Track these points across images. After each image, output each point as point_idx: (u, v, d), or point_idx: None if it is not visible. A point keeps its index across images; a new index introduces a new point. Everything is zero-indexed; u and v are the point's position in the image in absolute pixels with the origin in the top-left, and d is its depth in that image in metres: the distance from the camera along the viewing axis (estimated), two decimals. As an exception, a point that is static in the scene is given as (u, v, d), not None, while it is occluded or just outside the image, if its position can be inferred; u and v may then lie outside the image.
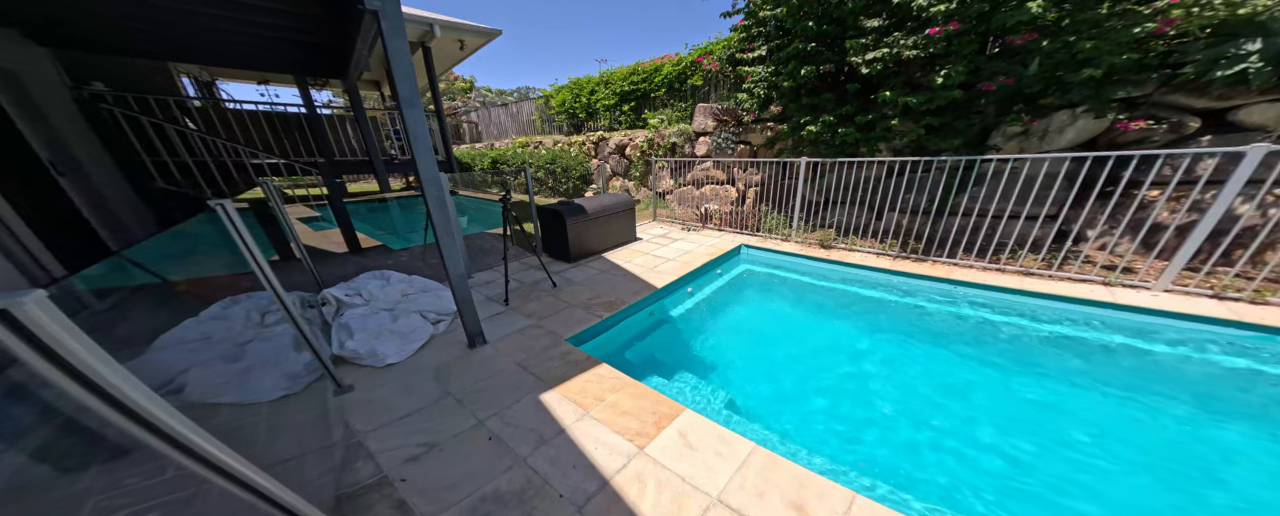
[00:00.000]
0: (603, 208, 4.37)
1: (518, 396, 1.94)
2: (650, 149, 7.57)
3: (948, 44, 3.10)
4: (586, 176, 9.25)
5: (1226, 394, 2.07)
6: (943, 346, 2.72)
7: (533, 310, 2.92)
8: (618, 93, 8.65)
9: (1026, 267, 3.21)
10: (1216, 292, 2.54)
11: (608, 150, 8.87)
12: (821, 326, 3.25)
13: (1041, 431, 1.96)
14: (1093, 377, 2.26)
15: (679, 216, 6.59)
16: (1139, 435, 1.91)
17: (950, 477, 1.75)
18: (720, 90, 6.69)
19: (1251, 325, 2.29)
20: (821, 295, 3.74)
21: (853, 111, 3.98)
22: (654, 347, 2.76)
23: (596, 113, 9.46)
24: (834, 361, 2.68)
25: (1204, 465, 1.73)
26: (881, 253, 4.04)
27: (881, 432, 2.03)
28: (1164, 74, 2.75)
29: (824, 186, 4.81)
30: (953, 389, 2.32)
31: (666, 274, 3.61)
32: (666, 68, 7.52)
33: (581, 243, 4.14)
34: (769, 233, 5.22)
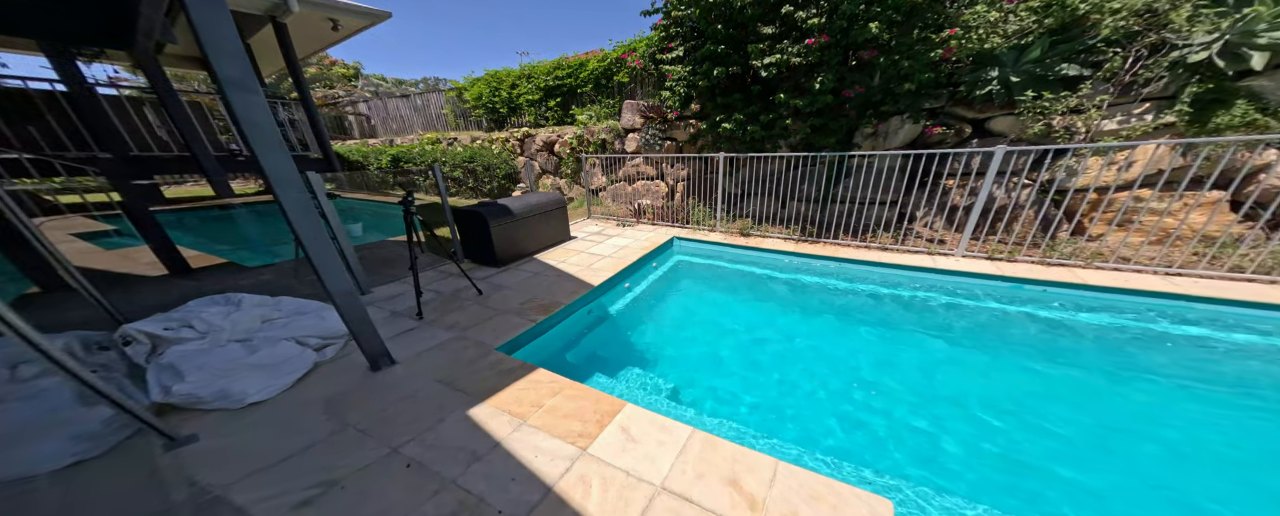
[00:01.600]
0: (531, 207, 4.13)
1: (442, 415, 1.74)
2: (581, 146, 7.46)
3: (821, 54, 3.77)
4: (513, 175, 8.68)
5: (996, 330, 2.78)
6: (832, 315, 3.17)
7: (455, 321, 2.61)
8: (542, 87, 8.34)
9: (883, 244, 4.04)
10: (989, 255, 3.57)
11: (535, 147, 8.47)
12: (747, 308, 3.45)
13: (912, 379, 2.32)
14: (924, 326, 2.86)
15: (614, 212, 6.62)
16: (955, 367, 2.44)
17: (843, 428, 1.99)
18: (646, 87, 6.95)
19: (1009, 277, 3.12)
20: (745, 279, 4.05)
21: (757, 111, 4.56)
22: (595, 345, 2.68)
23: (519, 108, 8.96)
24: (759, 339, 2.85)
25: (982, 382, 2.34)
26: (788, 237, 4.66)
27: (795, 399, 2.19)
28: (951, 91, 3.77)
29: (740, 179, 5.35)
30: (845, 352, 2.64)
31: (603, 271, 3.56)
32: (592, 63, 7.53)
33: (509, 245, 3.85)
34: (697, 224, 5.58)
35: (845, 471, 1.62)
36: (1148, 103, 2.96)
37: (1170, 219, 2.89)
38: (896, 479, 1.58)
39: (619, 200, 6.99)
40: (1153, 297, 2.62)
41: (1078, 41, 3.11)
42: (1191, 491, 1.54)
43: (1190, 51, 2.71)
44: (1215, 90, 2.71)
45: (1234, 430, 1.82)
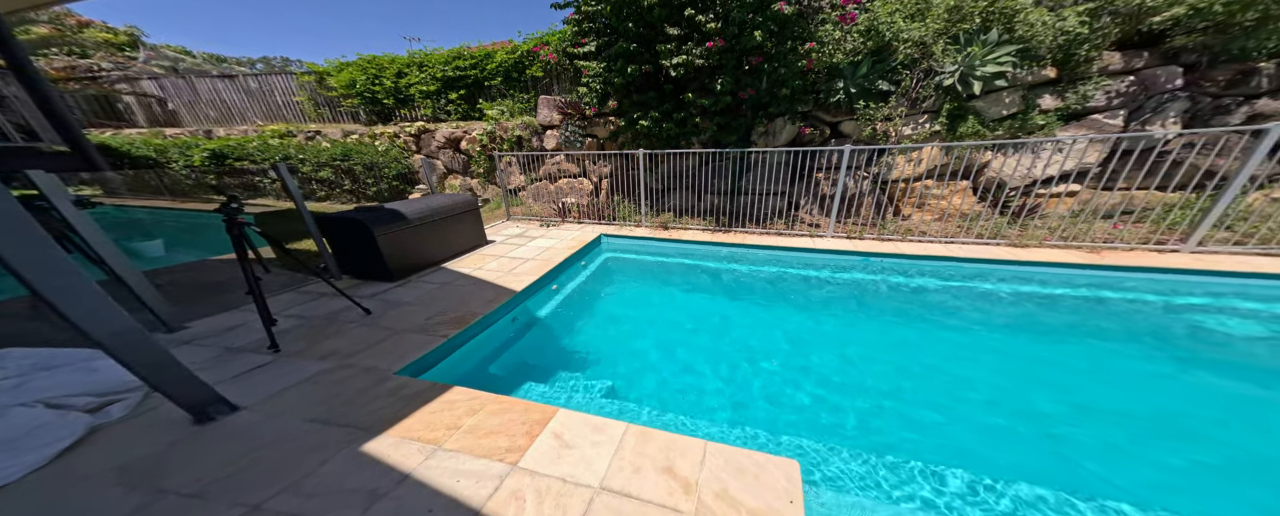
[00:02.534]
0: (434, 210, 3.71)
1: (323, 457, 1.52)
2: (493, 143, 6.89)
3: (720, 57, 4.24)
4: (407, 175, 7.53)
5: (861, 297, 3.39)
6: (746, 297, 3.55)
7: (334, 348, 2.24)
8: (439, 78, 7.41)
9: (778, 230, 4.84)
10: (848, 234, 4.62)
11: (435, 144, 7.51)
12: (673, 296, 3.64)
13: (806, 345, 2.62)
14: (809, 299, 3.42)
15: (536, 213, 6.34)
16: (836, 331, 2.87)
17: (761, 398, 2.13)
18: (562, 83, 6.80)
19: (861, 252, 3.88)
20: (670, 270, 4.37)
21: (670, 109, 4.92)
22: (524, 354, 2.58)
23: (411, 100, 7.80)
24: (684, 326, 3.01)
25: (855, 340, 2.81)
26: (705, 228, 5.19)
27: (722, 378, 2.31)
28: (815, 97, 4.75)
29: (661, 175, 5.71)
30: (758, 329, 2.86)
31: (527, 275, 3.42)
32: (500, 55, 7.02)
33: (405, 255, 3.41)
34: (624, 220, 5.76)
35: (762, 440, 1.76)
36: (926, 114, 4.24)
37: (944, 202, 4.22)
38: (801, 437, 1.76)
39: (542, 199, 6.72)
40: (942, 261, 3.67)
41: (886, 63, 4.25)
42: (974, 406, 2.05)
43: (944, 77, 3.99)
44: (958, 108, 4.06)
45: (1005, 359, 2.42)
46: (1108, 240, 3.37)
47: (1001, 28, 3.68)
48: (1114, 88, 3.52)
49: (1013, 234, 3.64)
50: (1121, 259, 3.04)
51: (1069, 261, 3.11)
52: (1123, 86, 3.51)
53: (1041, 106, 3.73)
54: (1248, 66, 3.19)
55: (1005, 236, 3.65)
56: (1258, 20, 3.02)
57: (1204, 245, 3.05)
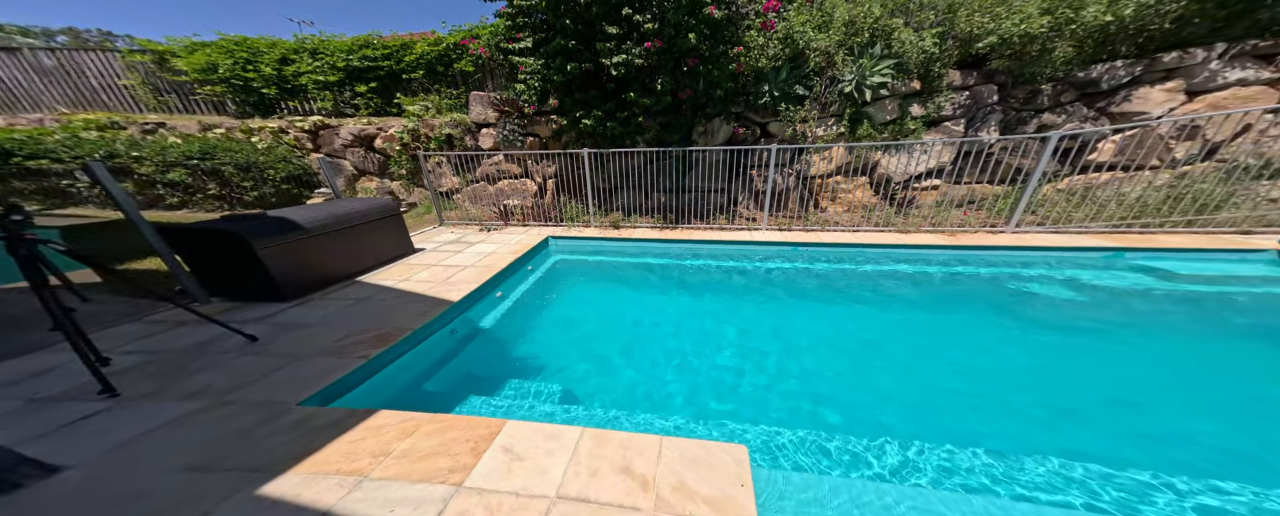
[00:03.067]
0: (339, 218, 3.29)
1: (202, 509, 1.30)
2: (416, 141, 6.20)
3: (659, 58, 4.39)
4: (305, 177, 6.42)
5: (792, 284, 3.79)
6: (696, 290, 3.72)
7: (206, 384, 1.94)
8: (341, 68, 6.39)
9: (721, 225, 5.25)
10: (781, 228, 5.21)
11: (340, 142, 6.51)
12: (626, 295, 3.72)
13: (747, 333, 2.80)
14: (748, 287, 3.69)
15: (475, 216, 5.92)
16: (771, 317, 3.09)
17: (714, 388, 2.21)
18: (497, 79, 6.35)
19: (790, 243, 4.35)
20: (622, 269, 4.39)
21: (613, 108, 4.95)
22: (468, 366, 2.48)
23: (302, 91, 6.60)
24: (638, 323, 3.07)
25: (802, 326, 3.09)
26: (654, 226, 5.38)
27: (676, 372, 2.37)
28: (745, 99, 5.19)
29: (608, 174, 5.73)
30: (709, 321, 2.99)
31: (465, 283, 3.24)
32: (421, 47, 6.28)
33: (303, 269, 3.02)
34: (572, 221, 5.69)
35: (714, 429, 1.84)
36: (833, 118, 4.93)
37: (850, 195, 4.98)
38: (748, 421, 1.87)
39: (481, 202, 6.28)
40: (852, 248, 4.33)
41: (801, 69, 4.82)
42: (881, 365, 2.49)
43: (845, 85, 4.67)
44: (856, 112, 4.79)
45: (913, 333, 2.80)
46: (960, 225, 4.34)
47: (883, 43, 4.42)
48: (957, 100, 4.49)
49: (899, 222, 4.47)
50: (970, 240, 3.95)
51: (937, 243, 3.94)
52: (962, 99, 4.49)
53: (912, 113, 4.59)
54: (1035, 87, 4.32)
55: (894, 224, 4.46)
56: (1039, 52, 4.11)
57: (1020, 226, 4.12)
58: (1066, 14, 3.86)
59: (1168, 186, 3.77)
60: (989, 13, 4.13)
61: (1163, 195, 3.73)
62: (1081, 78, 4.11)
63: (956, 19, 4.28)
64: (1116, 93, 4.06)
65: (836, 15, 4.54)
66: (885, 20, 4.32)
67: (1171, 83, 3.88)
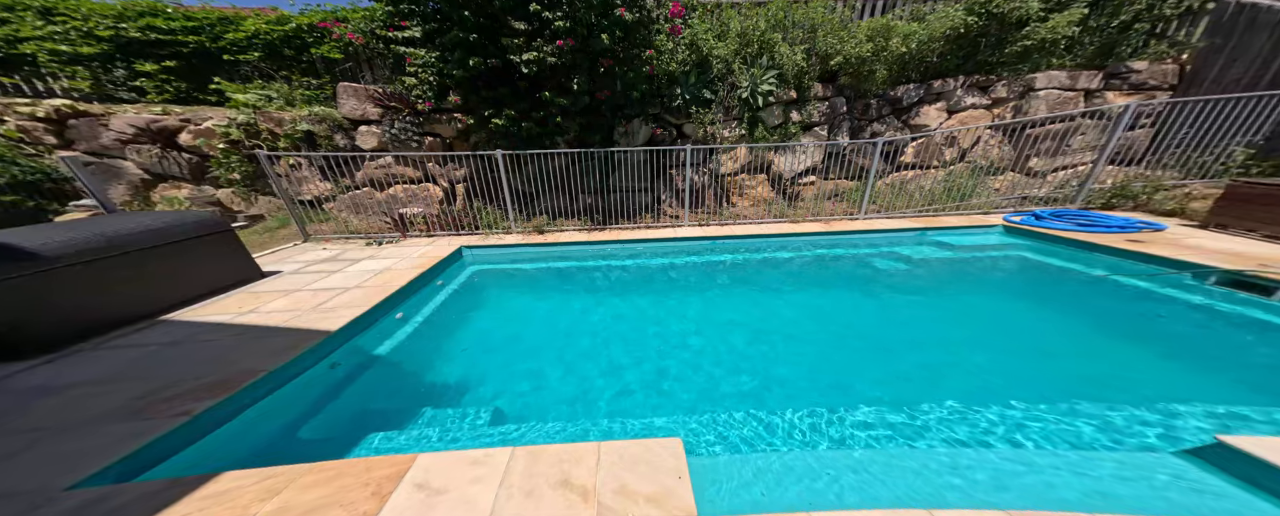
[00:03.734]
0: (108, 240, 2.53)
1: None
2: (254, 139, 4.80)
3: (573, 57, 4.25)
4: (42, 184, 4.48)
5: (712, 274, 4.22)
6: (627, 290, 3.75)
7: None
8: (107, 37, 4.48)
9: (647, 224, 5.48)
10: (701, 223, 5.71)
11: (113, 136, 4.65)
12: (556, 303, 3.64)
13: (674, 326, 2.93)
14: (679, 283, 3.92)
15: (359, 229, 4.97)
16: (692, 308, 3.30)
17: (648, 387, 2.24)
18: (378, 69, 5.24)
19: (714, 237, 4.84)
20: (549, 275, 4.26)
21: (527, 108, 4.64)
22: (364, 401, 2.22)
23: (29, 63, 4.46)
24: (569, 330, 3.02)
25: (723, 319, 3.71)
26: (581, 228, 5.34)
27: (610, 374, 2.37)
28: (661, 101, 5.45)
29: (528, 177, 5.40)
30: (639, 320, 3.07)
31: (348, 308, 2.80)
32: (254, 24, 4.78)
33: (52, 313, 2.33)
34: (490, 228, 5.24)
35: (654, 425, 1.88)
36: (736, 121, 5.58)
37: (754, 191, 5.76)
38: (683, 412, 1.96)
39: (368, 212, 5.28)
40: (760, 239, 5.00)
41: (707, 75, 5.27)
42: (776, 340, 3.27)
43: (742, 91, 5.31)
44: (753, 117, 5.51)
45: (813, 308, 3.29)
46: (831, 214, 5.47)
47: (768, 55, 5.14)
48: (821, 109, 5.56)
49: (791, 213, 5.38)
50: (838, 226, 5.03)
51: (818, 230, 4.90)
52: (824, 108, 5.58)
53: (793, 119, 5.51)
54: (866, 101, 5.64)
55: (787, 215, 5.36)
56: (868, 72, 5.34)
57: (867, 214, 5.40)
58: (881, 43, 5.08)
59: (943, 181, 5.44)
60: (836, 35, 5.17)
61: (942, 187, 5.36)
62: (892, 95, 5.51)
63: (817, 39, 5.24)
64: (912, 109, 5.59)
65: (732, 26, 5.08)
66: (769, 34, 5.02)
67: (939, 103, 5.52)
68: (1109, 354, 2.39)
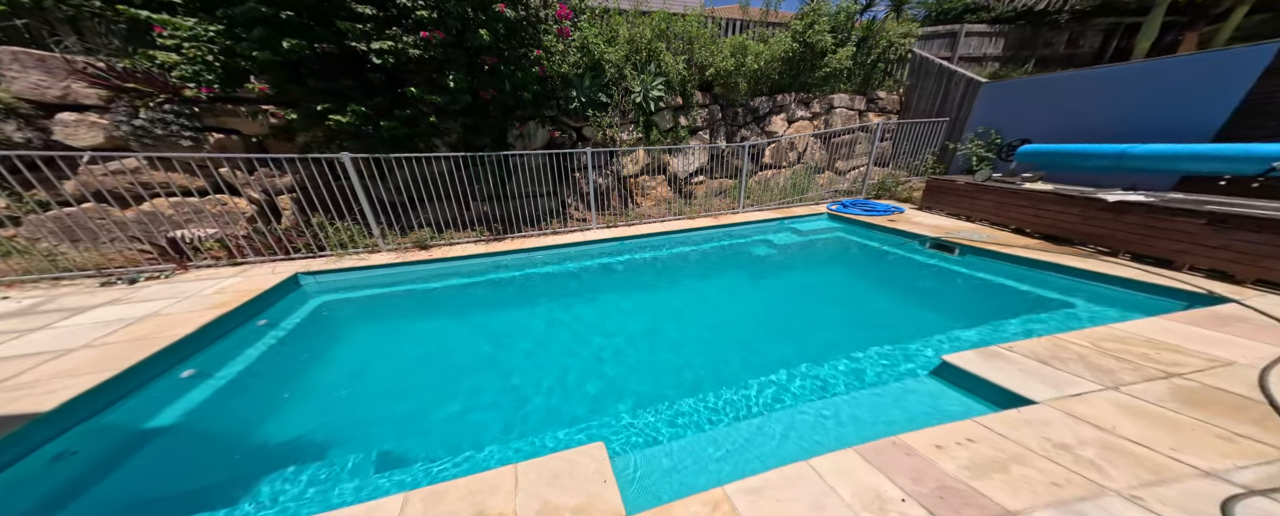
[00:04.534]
0: None
1: None
2: None
3: (445, 51, 3.60)
4: None
5: (621, 275, 4.84)
6: (534, 301, 3.64)
7: None
8: None
9: (554, 229, 5.24)
10: (609, 225, 5.80)
11: None
12: (446, 324, 3.30)
13: (584, 331, 3.02)
14: (587, 286, 4.02)
15: (82, 264, 3.28)
16: (599, 311, 3.50)
17: (562, 396, 2.26)
18: (90, 35, 3.18)
19: (622, 238, 5.16)
20: (437, 296, 3.83)
21: (386, 104, 3.72)
22: (151, 484, 1.78)
23: None
24: (471, 350, 2.82)
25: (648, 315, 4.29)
26: (478, 239, 4.75)
27: (526, 392, 2.31)
28: (557, 103, 5.17)
29: (399, 184, 4.40)
30: (543, 330, 3.05)
31: (72, 378, 2.10)
32: None
33: None
34: (345, 248, 4.15)
35: (569, 435, 1.90)
36: (632, 124, 5.76)
37: (655, 191, 6.16)
38: (601, 416, 2.00)
39: (101, 238, 3.47)
40: (662, 236, 5.42)
41: (601, 79, 5.23)
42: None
43: (636, 96, 5.51)
44: (647, 120, 5.81)
45: (713, 297, 3.92)
46: (719, 209, 6.38)
47: (656, 63, 5.44)
48: (703, 115, 6.29)
49: (688, 210, 6.03)
50: (724, 219, 5.92)
51: (708, 225, 5.67)
52: (705, 115, 6.34)
53: (681, 123, 6.06)
54: (735, 109, 6.67)
55: (684, 213, 5.98)
56: (733, 84, 6.29)
57: (744, 208, 6.51)
58: (740, 59, 6.03)
59: (790, 178, 7.01)
60: (708, 49, 5.85)
61: (790, 184, 6.91)
62: (752, 105, 6.68)
63: (694, 50, 5.81)
64: (765, 117, 6.91)
65: (621, 33, 5.11)
66: (655, 43, 5.29)
67: (782, 114, 6.99)
68: (889, 304, 3.70)
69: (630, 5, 5.88)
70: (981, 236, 4.31)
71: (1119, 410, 1.73)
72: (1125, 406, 1.75)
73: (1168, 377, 1.91)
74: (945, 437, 1.62)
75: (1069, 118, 4.92)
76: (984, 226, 4.71)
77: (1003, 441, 1.59)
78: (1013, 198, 4.43)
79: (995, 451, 1.54)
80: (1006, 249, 3.86)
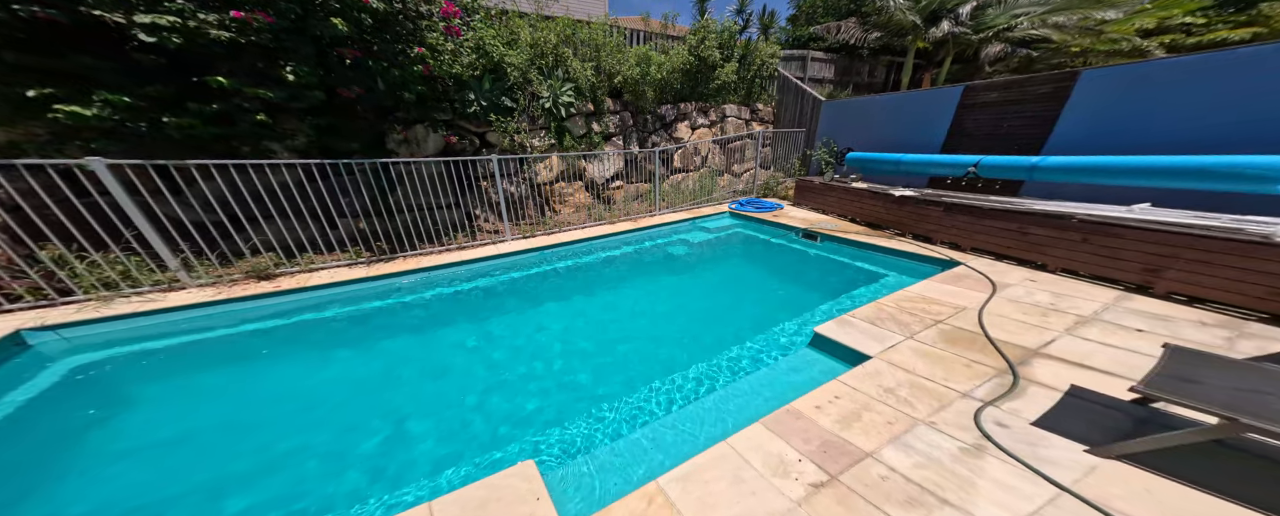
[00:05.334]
0: None
1: None
2: None
3: (276, 38, 2.76)
4: None
5: (541, 287, 4.66)
6: (430, 328, 3.23)
7: None
8: None
9: (460, 244, 4.57)
10: (526, 235, 5.32)
11: None
12: (290, 374, 2.66)
13: (499, 348, 2.89)
14: (497, 306, 3.67)
15: None
16: (523, 326, 3.37)
17: (491, 415, 2.19)
18: None
19: (538, 248, 4.71)
20: (285, 334, 3.03)
21: (174, 95, 2.66)
22: None
23: None
24: (353, 392, 2.47)
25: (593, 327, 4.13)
26: (353, 262, 3.85)
27: (433, 424, 2.16)
28: (452, 106, 4.48)
29: (207, 199, 3.20)
30: (445, 357, 2.80)
31: None
32: None
33: None
34: (113, 289, 2.91)
35: (504, 456, 1.85)
36: (543, 130, 5.41)
37: (574, 197, 5.94)
38: (528, 434, 1.97)
39: None
40: (582, 242, 5.27)
41: (504, 82, 4.75)
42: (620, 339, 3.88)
43: (545, 101, 5.19)
44: (559, 126, 5.54)
45: (637, 301, 3.99)
46: (638, 212, 6.53)
47: (563, 69, 5.22)
48: (615, 121, 6.34)
49: (609, 216, 6.01)
50: (645, 222, 6.11)
51: (628, 229, 5.78)
52: (617, 121, 6.40)
53: (594, 130, 5.98)
54: (644, 117, 6.92)
55: (605, 218, 5.95)
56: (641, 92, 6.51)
57: (661, 210, 6.82)
58: (645, 68, 6.28)
59: (698, 181, 7.66)
60: (615, 57, 5.90)
61: (698, 186, 7.55)
62: (659, 113, 7.04)
63: (601, 58, 5.77)
64: (672, 124, 7.37)
65: (522, 36, 4.71)
66: (562, 49, 5.05)
67: (685, 122, 7.58)
68: (779, 287, 4.41)
69: (532, 8, 5.48)
70: (832, 226, 5.48)
71: (915, 354, 2.30)
72: (918, 351, 2.33)
73: (936, 324, 2.61)
74: (821, 398, 1.99)
75: (872, 131, 6.61)
76: (834, 217, 5.98)
77: (856, 393, 2.02)
78: (846, 194, 5.74)
79: (853, 403, 1.96)
80: (847, 235, 4.98)
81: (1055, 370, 2.11)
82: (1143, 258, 2.87)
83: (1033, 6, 7.76)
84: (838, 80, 10.48)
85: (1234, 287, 2.52)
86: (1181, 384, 1.50)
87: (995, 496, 1.45)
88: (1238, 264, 2.48)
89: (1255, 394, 1.41)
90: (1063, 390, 1.96)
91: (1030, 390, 1.98)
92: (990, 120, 4.93)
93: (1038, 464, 1.57)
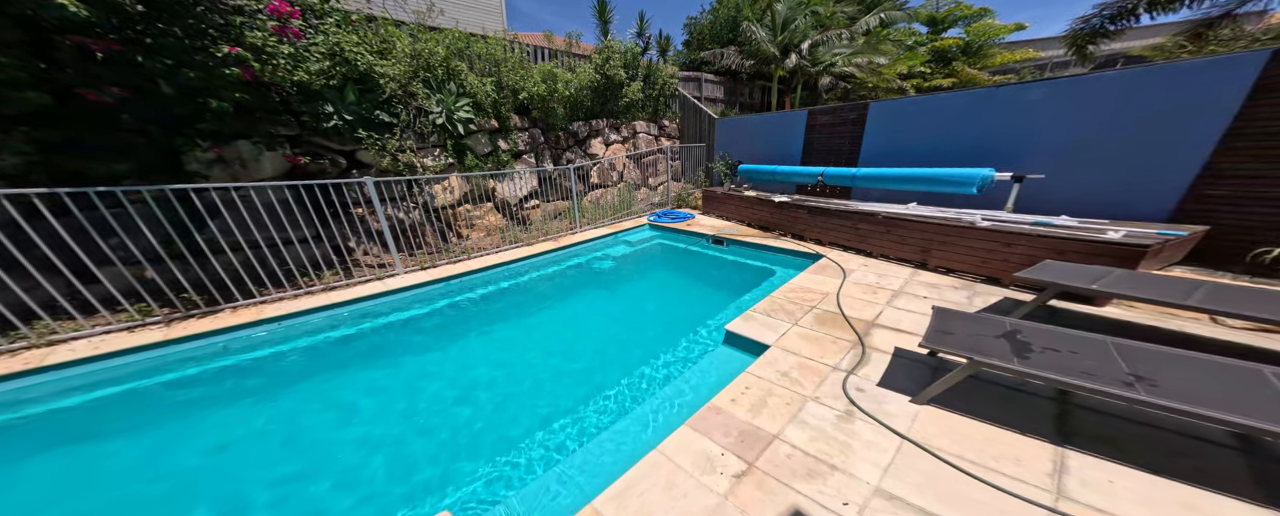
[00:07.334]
0: None
1: None
2: None
3: None
4: None
5: (445, 324, 3.73)
6: (272, 399, 2.57)
7: None
8: None
9: (330, 283, 3.65)
10: (423, 266, 4.50)
11: None
12: (94, 464, 2.01)
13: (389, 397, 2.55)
14: (400, 344, 3.18)
15: None
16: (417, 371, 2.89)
17: (394, 470, 2.01)
18: None
19: (439, 279, 4.05)
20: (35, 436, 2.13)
21: None
22: None
23: None
24: (191, 476, 1.97)
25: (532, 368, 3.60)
26: (144, 322, 2.75)
27: (333, 488, 1.92)
28: (298, 120, 3.57)
29: None
30: (295, 425, 2.35)
31: None
32: None
33: None
34: None
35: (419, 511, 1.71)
36: (438, 148, 4.75)
37: (484, 220, 5.32)
38: (448, 486, 1.85)
39: None
40: (497, 268, 4.68)
41: (376, 95, 4.01)
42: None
43: (436, 117, 4.57)
44: (457, 144, 4.94)
45: (563, 321, 3.91)
46: (558, 231, 6.22)
47: (456, 83, 4.69)
48: (524, 138, 5.98)
49: (526, 237, 5.57)
50: (566, 241, 5.85)
51: (549, 249, 5.46)
52: (526, 138, 6.05)
53: (501, 147, 5.52)
54: (555, 133, 6.72)
55: (521, 239, 5.50)
56: (550, 109, 6.33)
57: (582, 227, 6.63)
58: (552, 85, 6.14)
59: (617, 195, 7.73)
60: (517, 73, 5.60)
61: (618, 200, 7.61)
62: (572, 129, 6.93)
63: (502, 73, 5.40)
64: (586, 140, 7.33)
65: (399, 46, 4.07)
66: (453, 62, 4.53)
67: (598, 138, 7.63)
68: (697, 291, 4.68)
69: (412, 19, 4.82)
70: (734, 230, 6.12)
71: (800, 338, 2.64)
72: (802, 334, 2.69)
73: (812, 310, 3.05)
74: (735, 391, 2.15)
75: (754, 146, 7.71)
76: (735, 223, 6.69)
77: (760, 381, 2.22)
78: (742, 201, 6.51)
79: (760, 392, 2.14)
80: (745, 238, 5.61)
81: (885, 337, 2.63)
82: (919, 242, 3.92)
83: (842, 49, 10.15)
84: (727, 100, 11.94)
85: (965, 260, 3.60)
86: (943, 336, 2.00)
87: (865, 455, 1.71)
88: (964, 243, 3.56)
89: (982, 337, 1.95)
90: (891, 353, 2.43)
91: (873, 357, 2.41)
92: (826, 139, 6.22)
93: (885, 418, 1.90)
